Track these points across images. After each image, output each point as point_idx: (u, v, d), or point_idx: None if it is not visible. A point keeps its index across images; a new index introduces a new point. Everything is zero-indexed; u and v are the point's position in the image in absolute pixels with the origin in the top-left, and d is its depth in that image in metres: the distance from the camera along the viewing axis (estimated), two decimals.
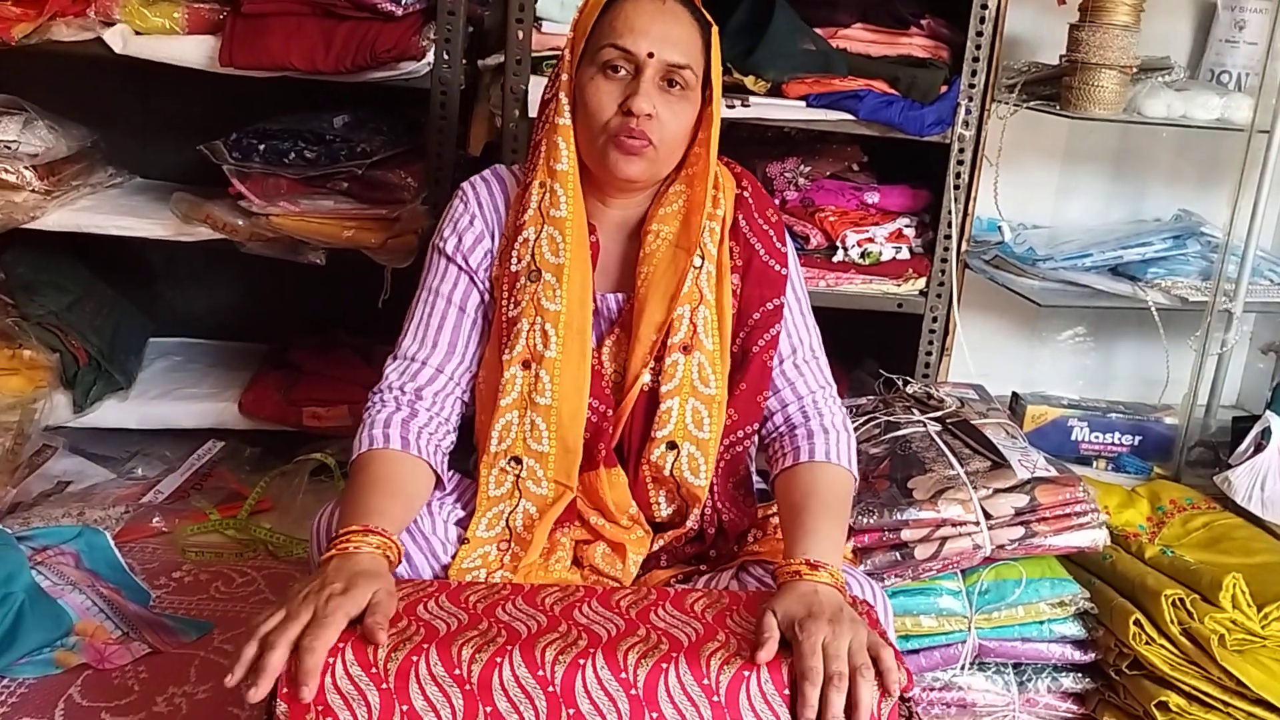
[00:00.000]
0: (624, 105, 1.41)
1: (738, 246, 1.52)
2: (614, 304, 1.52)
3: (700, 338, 1.47)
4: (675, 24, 1.43)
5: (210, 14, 2.18)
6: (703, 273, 1.48)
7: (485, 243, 1.52)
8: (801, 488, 1.44)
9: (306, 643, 1.12)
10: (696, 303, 1.47)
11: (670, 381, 1.46)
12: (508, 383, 1.45)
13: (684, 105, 1.44)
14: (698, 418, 1.47)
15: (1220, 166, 2.61)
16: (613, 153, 1.43)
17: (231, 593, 2.03)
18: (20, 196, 2.19)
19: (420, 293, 1.54)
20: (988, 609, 1.79)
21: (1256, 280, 2.43)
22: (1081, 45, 2.26)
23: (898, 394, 2.15)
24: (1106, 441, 2.52)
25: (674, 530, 1.52)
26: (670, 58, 1.41)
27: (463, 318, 1.51)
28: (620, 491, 1.49)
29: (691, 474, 1.48)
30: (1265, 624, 1.73)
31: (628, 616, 1.23)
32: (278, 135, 2.22)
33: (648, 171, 1.46)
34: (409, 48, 2.15)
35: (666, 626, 1.22)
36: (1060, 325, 2.83)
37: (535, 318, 1.45)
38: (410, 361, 1.49)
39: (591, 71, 1.43)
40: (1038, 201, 2.72)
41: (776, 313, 1.52)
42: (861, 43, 2.30)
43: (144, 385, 2.48)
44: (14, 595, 1.73)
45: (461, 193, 1.56)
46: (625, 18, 1.42)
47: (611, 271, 1.53)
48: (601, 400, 1.47)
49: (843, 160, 2.41)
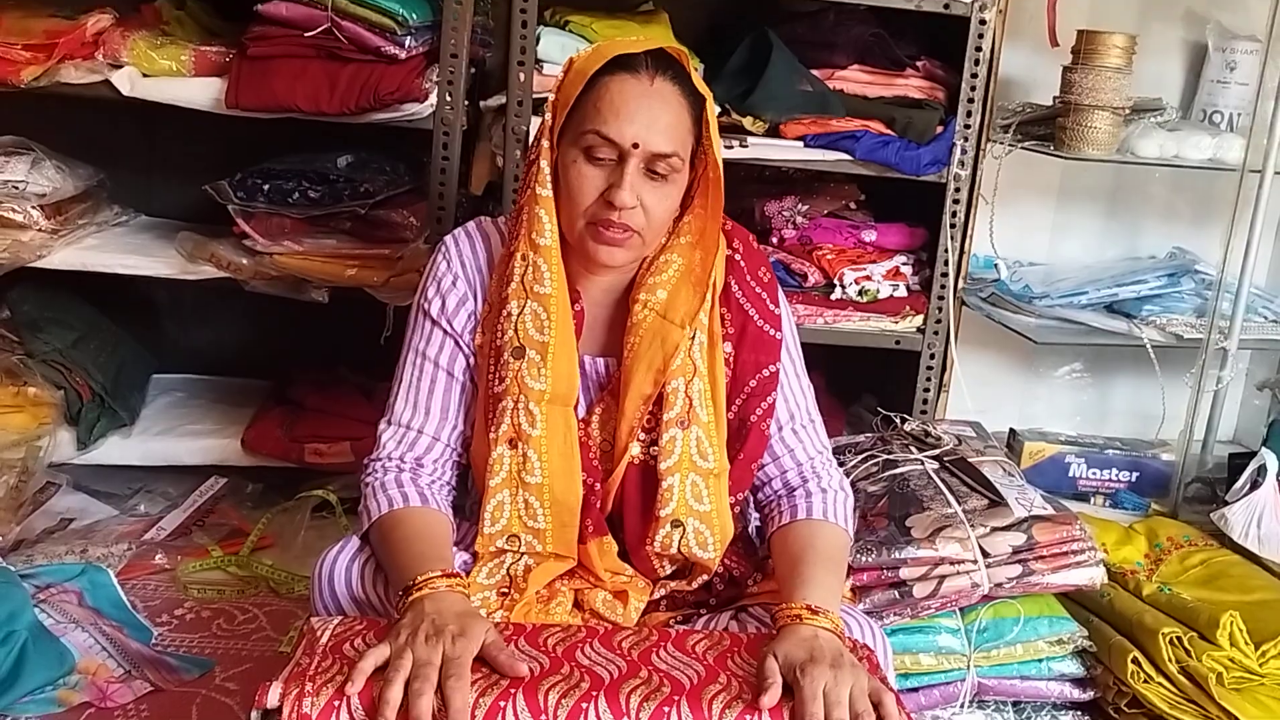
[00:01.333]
0: (606, 195, 1.37)
1: (729, 313, 1.49)
2: (602, 368, 1.50)
3: (696, 411, 1.45)
4: (663, 108, 1.37)
5: (216, 57, 2.21)
6: (695, 344, 1.45)
7: (469, 304, 1.50)
8: (799, 541, 1.43)
9: (452, 684, 1.14)
10: (690, 376, 1.44)
11: (669, 459, 1.44)
12: (495, 462, 1.44)
13: (670, 189, 1.40)
14: (697, 492, 1.45)
15: (1213, 205, 2.63)
16: (591, 242, 1.40)
17: (233, 630, 2.03)
18: (27, 236, 2.21)
19: (407, 353, 1.52)
20: (986, 647, 1.80)
21: (1251, 317, 2.46)
22: (1075, 87, 2.29)
23: (895, 432, 2.16)
24: (1104, 478, 2.53)
25: (678, 582, 1.51)
26: (656, 148, 1.36)
27: (451, 383, 1.50)
28: (610, 559, 1.48)
29: (700, 549, 1.46)
30: (1263, 662, 1.74)
31: (630, 658, 1.24)
32: (282, 175, 2.25)
33: (630, 258, 1.44)
34: (412, 90, 2.18)
35: (668, 668, 1.22)
36: (1057, 362, 2.85)
37: (519, 395, 1.43)
38: (406, 430, 1.49)
39: (574, 154, 1.39)
40: (1033, 239, 2.75)
41: (773, 379, 1.50)
42: (858, 84, 2.34)
43: (147, 421, 2.48)
44: (17, 634, 1.73)
45: (445, 249, 1.53)
46: (610, 102, 1.36)
47: (599, 335, 1.51)
48: (589, 473, 1.46)
49: (840, 199, 2.44)
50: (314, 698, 1.14)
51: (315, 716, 1.13)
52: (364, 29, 2.13)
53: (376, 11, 2.12)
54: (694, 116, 1.41)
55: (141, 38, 2.20)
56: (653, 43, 1.42)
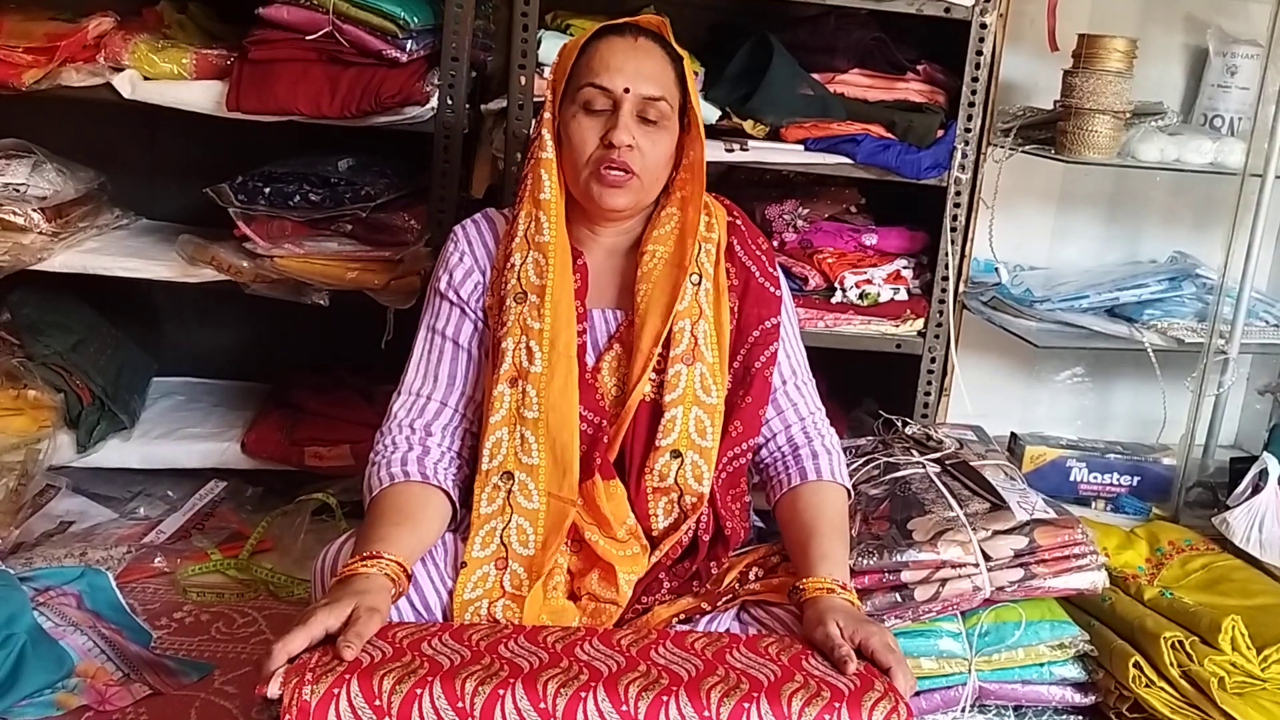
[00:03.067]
0: (605, 139, 1.51)
1: (734, 268, 1.62)
2: (612, 320, 1.60)
3: (701, 349, 1.55)
4: (648, 59, 1.54)
5: (218, 60, 2.21)
6: (701, 289, 1.57)
7: (475, 276, 1.61)
8: (811, 508, 1.54)
9: (275, 646, 1.20)
10: (697, 317, 1.56)
11: (674, 391, 1.53)
12: (496, 400, 1.51)
13: (662, 134, 1.54)
14: (700, 426, 1.54)
15: (1215, 209, 2.63)
16: (596, 185, 1.53)
17: (232, 633, 2.03)
18: (28, 238, 2.21)
19: (420, 332, 1.62)
20: (988, 651, 1.80)
21: (1252, 322, 2.46)
22: (1075, 91, 2.29)
23: (896, 435, 2.16)
24: (1105, 482, 2.53)
25: (670, 539, 1.54)
26: (645, 91, 1.52)
27: (459, 351, 1.59)
28: (618, 503, 1.53)
29: (695, 480, 1.53)
30: (1265, 666, 1.74)
31: (629, 654, 1.26)
32: (283, 178, 2.24)
33: (632, 200, 1.55)
34: (413, 93, 2.18)
35: (667, 663, 1.24)
36: (1058, 366, 2.85)
37: (521, 337, 1.52)
38: (416, 397, 1.56)
39: (573, 110, 1.54)
40: (1034, 243, 2.75)
41: (774, 331, 1.62)
42: (859, 88, 2.34)
43: (147, 425, 2.48)
44: (16, 636, 1.73)
45: (454, 235, 1.66)
46: (601, 57, 1.53)
47: (606, 290, 1.61)
48: (597, 413, 1.53)
49: (841, 203, 2.44)
50: (313, 685, 1.17)
51: (314, 704, 1.16)
52: (365, 32, 2.14)
53: (378, 15, 2.12)
54: (676, 74, 1.57)
55: (143, 40, 2.20)
56: (634, 18, 1.59)
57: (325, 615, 1.23)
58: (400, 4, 2.14)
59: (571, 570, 1.52)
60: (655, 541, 1.55)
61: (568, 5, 2.29)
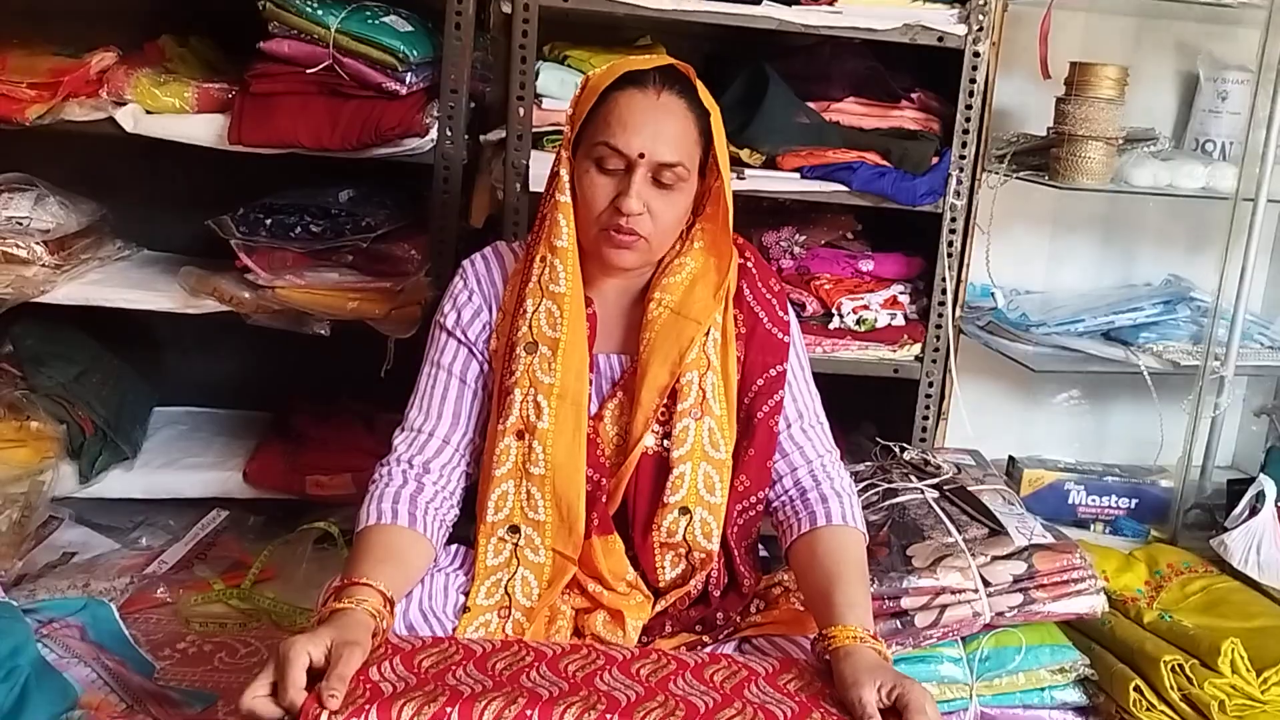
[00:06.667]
0: (615, 202, 1.45)
1: (742, 314, 1.57)
2: (616, 365, 1.56)
3: (710, 403, 1.51)
4: (669, 120, 1.45)
5: (219, 93, 2.24)
6: (709, 340, 1.52)
7: (483, 315, 1.57)
8: (832, 554, 1.47)
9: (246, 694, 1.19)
10: (704, 369, 1.51)
11: (682, 447, 1.49)
12: (502, 453, 1.49)
13: (677, 197, 1.48)
14: (709, 482, 1.50)
15: (1208, 232, 2.65)
16: (605, 246, 1.48)
17: (235, 663, 2.03)
18: (31, 271, 2.22)
19: (424, 367, 1.59)
20: (989, 676, 1.80)
21: (1247, 343, 2.47)
22: (1068, 118, 2.32)
23: (895, 460, 2.17)
24: (1103, 505, 2.54)
25: (676, 591, 1.53)
26: (662, 157, 1.44)
27: (464, 389, 1.55)
28: (616, 559, 1.51)
29: (704, 539, 1.50)
30: (1265, 688, 1.74)
31: (648, 684, 1.26)
32: (284, 210, 2.26)
33: (640, 261, 1.50)
34: (413, 125, 2.20)
35: (684, 694, 1.25)
36: (1055, 389, 2.86)
37: (530, 389, 1.49)
38: (417, 433, 1.53)
39: (586, 164, 1.47)
40: (1030, 268, 2.77)
41: (780, 379, 1.56)
42: (854, 115, 2.36)
43: (149, 455, 2.49)
44: (20, 669, 1.73)
45: (462, 270, 1.62)
46: (619, 115, 1.44)
47: (613, 334, 1.57)
48: (597, 469, 1.50)
49: (837, 229, 2.46)
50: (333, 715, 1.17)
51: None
52: (365, 66, 2.16)
53: (378, 49, 2.15)
54: (700, 128, 1.49)
55: (145, 75, 2.23)
56: (662, 60, 1.51)
57: (305, 643, 1.21)
58: (399, 37, 2.17)
59: (575, 609, 1.52)
60: (660, 591, 1.55)
61: (565, 37, 2.32)
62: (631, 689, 1.25)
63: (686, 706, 1.22)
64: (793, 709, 1.24)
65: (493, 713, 1.17)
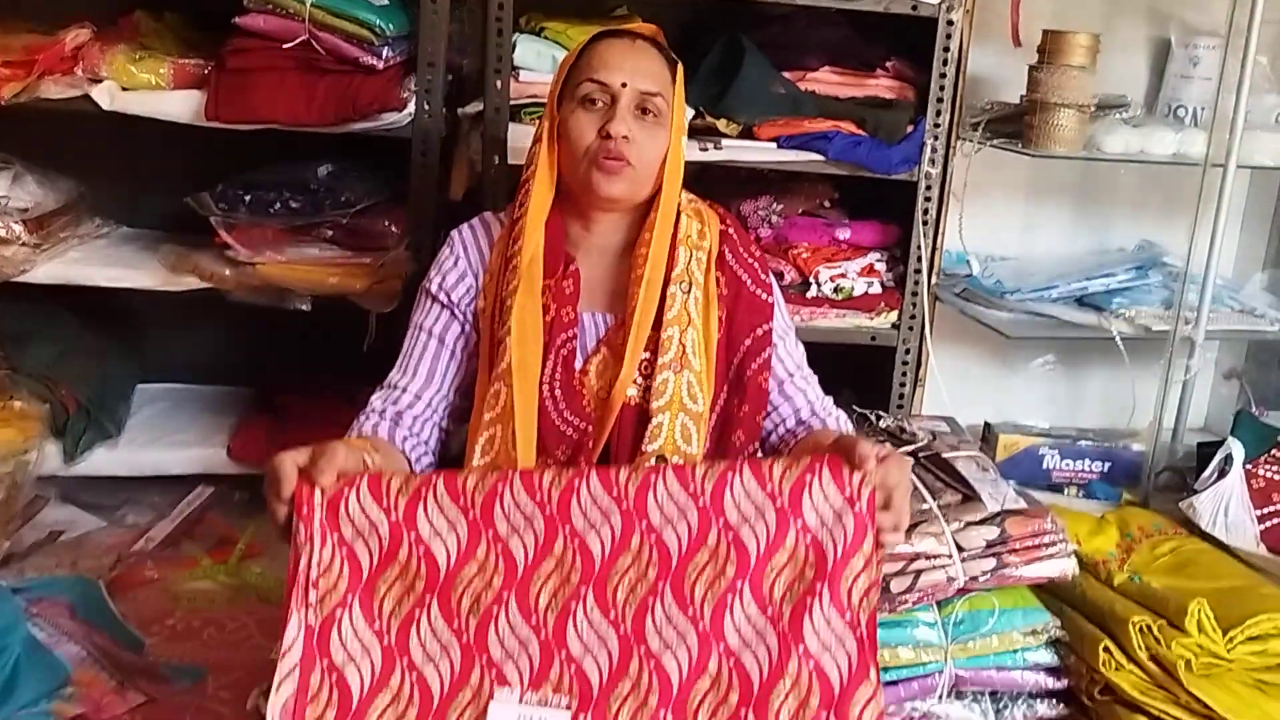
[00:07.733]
0: (602, 130, 1.54)
1: (724, 277, 1.64)
2: (601, 323, 1.62)
3: (689, 357, 1.58)
4: (645, 58, 1.58)
5: (195, 70, 2.22)
6: (690, 298, 1.59)
7: (468, 280, 1.64)
8: (827, 433, 1.59)
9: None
10: (685, 325, 1.58)
11: (660, 398, 1.56)
12: (492, 397, 1.55)
13: (658, 130, 1.57)
14: (686, 433, 1.57)
15: (1180, 197, 2.67)
16: (595, 174, 1.55)
17: (224, 639, 2.06)
18: (10, 250, 2.22)
19: (409, 330, 1.66)
20: (963, 639, 1.84)
21: (1218, 308, 2.50)
22: (1040, 86, 2.33)
23: (871, 429, 2.20)
24: (1077, 469, 2.58)
25: None
26: (643, 86, 1.55)
27: (441, 349, 1.62)
28: None
29: None
30: (1230, 648, 1.78)
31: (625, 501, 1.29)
32: (263, 186, 2.26)
33: (628, 190, 1.57)
34: (390, 99, 2.20)
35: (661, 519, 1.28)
36: (1029, 355, 2.89)
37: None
38: (392, 389, 1.61)
39: (572, 106, 1.57)
40: (1004, 235, 2.79)
41: (766, 338, 1.64)
42: (829, 85, 2.37)
43: (133, 432, 2.49)
44: (10, 648, 1.75)
45: (450, 239, 1.68)
46: (600, 55, 1.57)
47: (598, 294, 1.63)
48: (581, 418, 1.56)
49: (814, 198, 2.48)
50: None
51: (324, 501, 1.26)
52: (341, 40, 2.16)
53: (354, 23, 2.15)
54: (671, 76, 1.60)
55: (120, 51, 2.21)
56: (638, 26, 1.68)
57: (289, 454, 1.29)
58: (375, 11, 2.16)
59: None
60: None
61: (541, 8, 2.31)
62: (610, 516, 1.26)
63: (659, 551, 1.25)
64: (768, 529, 1.26)
65: (473, 481, 1.24)
